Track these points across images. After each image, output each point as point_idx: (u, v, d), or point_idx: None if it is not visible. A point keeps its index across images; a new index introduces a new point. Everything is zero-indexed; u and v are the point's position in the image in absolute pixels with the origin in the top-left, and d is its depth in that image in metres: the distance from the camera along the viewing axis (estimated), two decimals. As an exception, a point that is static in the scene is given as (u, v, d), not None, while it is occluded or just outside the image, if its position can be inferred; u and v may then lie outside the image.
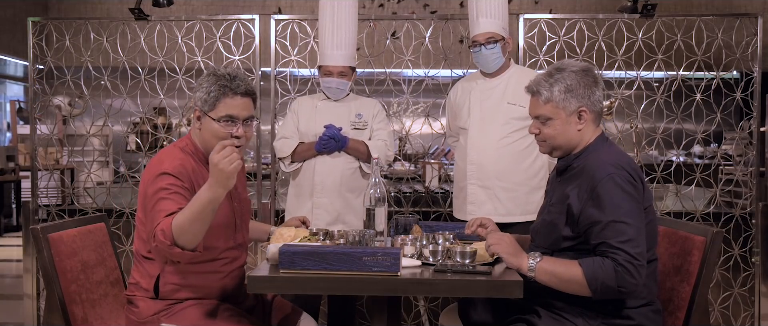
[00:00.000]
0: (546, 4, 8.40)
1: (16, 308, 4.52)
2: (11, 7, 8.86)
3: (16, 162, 8.70)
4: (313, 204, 3.26)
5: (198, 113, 2.26)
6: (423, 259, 2.20)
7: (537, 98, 2.22)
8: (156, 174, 2.16)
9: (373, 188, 2.40)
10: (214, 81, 2.21)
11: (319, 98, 3.39)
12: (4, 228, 8.59)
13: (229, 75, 2.22)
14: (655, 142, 4.07)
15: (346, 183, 3.27)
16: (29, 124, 4.20)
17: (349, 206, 3.29)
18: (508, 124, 3.10)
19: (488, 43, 3.09)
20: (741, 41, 3.99)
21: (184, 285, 2.27)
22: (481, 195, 3.13)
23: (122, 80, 4.08)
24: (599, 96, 2.21)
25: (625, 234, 2.01)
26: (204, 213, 1.98)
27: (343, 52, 3.27)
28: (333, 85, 3.29)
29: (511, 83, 3.14)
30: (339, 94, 3.33)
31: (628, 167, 2.11)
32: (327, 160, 3.25)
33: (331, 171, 3.25)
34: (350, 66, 3.31)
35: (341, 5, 3.28)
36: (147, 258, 2.29)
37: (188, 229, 1.99)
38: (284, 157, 3.29)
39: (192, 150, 2.31)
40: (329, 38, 3.27)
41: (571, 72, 2.18)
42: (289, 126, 3.36)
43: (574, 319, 2.13)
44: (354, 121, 3.32)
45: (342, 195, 3.27)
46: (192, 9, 8.69)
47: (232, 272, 2.37)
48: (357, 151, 3.27)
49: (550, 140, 2.23)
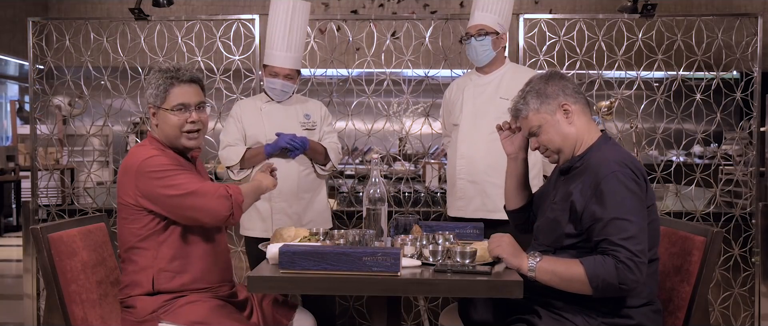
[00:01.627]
0: (546, 4, 8.40)
1: (16, 308, 4.52)
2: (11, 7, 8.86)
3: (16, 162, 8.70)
4: (272, 209, 3.19)
5: (152, 110, 2.38)
6: (423, 259, 2.20)
7: (521, 116, 2.29)
8: (142, 160, 2.27)
9: (373, 188, 2.40)
10: (160, 75, 2.36)
11: (262, 100, 3.30)
12: (4, 228, 8.59)
13: (173, 67, 2.38)
14: (655, 142, 4.07)
15: (303, 185, 3.22)
16: (29, 124, 4.20)
17: (308, 206, 3.25)
18: (500, 119, 3.08)
19: (479, 35, 3.10)
20: (741, 41, 4.00)
21: (175, 272, 2.31)
22: (470, 190, 3.13)
23: (122, 80, 4.08)
24: (574, 88, 2.26)
25: (627, 231, 2.01)
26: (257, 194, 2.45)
27: (293, 54, 3.23)
28: (277, 87, 3.22)
29: (504, 79, 3.14)
30: (282, 96, 3.26)
31: (631, 165, 2.11)
32: (282, 164, 3.13)
33: (287, 174, 3.15)
34: (297, 69, 3.27)
35: (296, 7, 3.23)
36: (137, 247, 2.32)
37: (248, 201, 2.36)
38: (232, 166, 3.20)
39: (157, 145, 2.39)
40: (280, 40, 3.20)
41: (536, 80, 2.28)
42: (232, 132, 3.23)
43: (574, 319, 2.13)
44: (303, 121, 3.27)
45: (300, 197, 3.22)
46: (192, 9, 8.69)
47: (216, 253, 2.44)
48: (315, 152, 3.22)
49: (550, 145, 2.26)
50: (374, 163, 2.52)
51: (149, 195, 2.25)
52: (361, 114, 4.09)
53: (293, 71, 3.24)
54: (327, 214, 3.38)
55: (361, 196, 3.82)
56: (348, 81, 4.02)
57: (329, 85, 4.06)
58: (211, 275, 2.40)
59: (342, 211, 3.96)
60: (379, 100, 4.06)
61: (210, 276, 2.39)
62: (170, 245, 2.32)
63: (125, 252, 2.36)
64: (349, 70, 4.04)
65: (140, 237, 2.31)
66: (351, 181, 4.33)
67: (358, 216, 3.82)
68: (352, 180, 4.43)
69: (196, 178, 2.29)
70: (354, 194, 4.09)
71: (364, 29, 4.26)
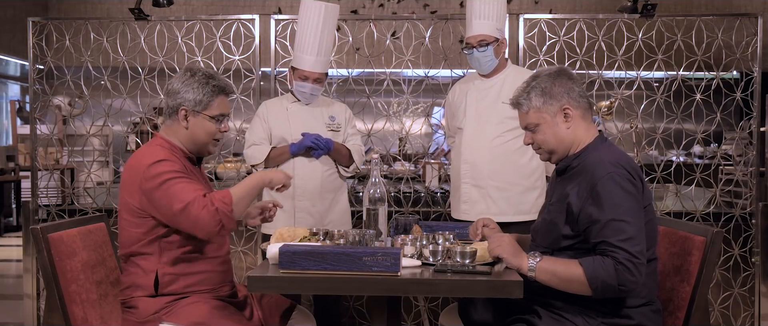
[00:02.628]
0: (546, 4, 8.40)
1: (16, 308, 4.52)
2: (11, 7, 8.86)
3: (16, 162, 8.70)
4: (296, 207, 3.21)
5: (185, 112, 2.37)
6: (423, 259, 2.20)
7: (521, 110, 2.27)
8: (147, 165, 2.25)
9: (373, 188, 2.40)
10: (206, 82, 2.36)
11: (289, 101, 3.32)
12: (4, 228, 8.59)
13: (217, 76, 2.41)
14: (655, 142, 4.07)
15: (326, 185, 3.25)
16: (29, 124, 4.20)
17: (331, 206, 3.28)
18: (503, 124, 3.10)
19: (480, 46, 3.10)
20: (741, 41, 3.99)
21: (178, 274, 2.31)
22: (474, 194, 3.14)
23: (122, 80, 4.08)
24: (580, 91, 2.23)
25: (625, 233, 2.01)
26: (253, 191, 2.33)
27: (324, 58, 3.24)
28: (307, 90, 3.23)
29: (507, 83, 3.14)
30: (312, 99, 3.29)
31: (627, 166, 2.11)
32: (306, 164, 3.20)
33: (311, 174, 3.21)
34: (325, 72, 3.29)
35: (328, 11, 3.23)
36: (140, 253, 2.31)
37: (240, 202, 2.28)
38: (257, 164, 3.23)
39: (168, 147, 2.37)
40: (312, 43, 3.21)
41: (544, 76, 2.24)
42: (258, 131, 3.27)
43: (574, 319, 2.13)
44: (328, 122, 3.29)
45: (323, 196, 3.24)
46: (192, 9, 8.68)
47: (220, 258, 2.44)
48: (339, 153, 3.24)
49: (543, 145, 2.26)
50: (374, 163, 2.52)
51: (151, 202, 2.26)
52: (361, 114, 4.09)
53: (323, 75, 3.26)
54: (347, 216, 3.41)
55: (361, 196, 3.82)
56: (348, 81, 4.02)
57: (329, 85, 4.06)
58: (214, 277, 2.39)
59: (342, 211, 3.96)
60: (379, 100, 4.06)
61: (212, 278, 2.39)
62: (173, 249, 2.31)
63: (127, 255, 2.35)
64: (349, 70, 4.04)
65: (143, 242, 2.30)
66: (351, 181, 4.33)
67: (358, 216, 3.82)
68: (352, 180, 4.43)
69: (193, 186, 2.25)
70: (354, 194, 4.09)
71: (364, 29, 4.26)
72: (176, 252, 2.31)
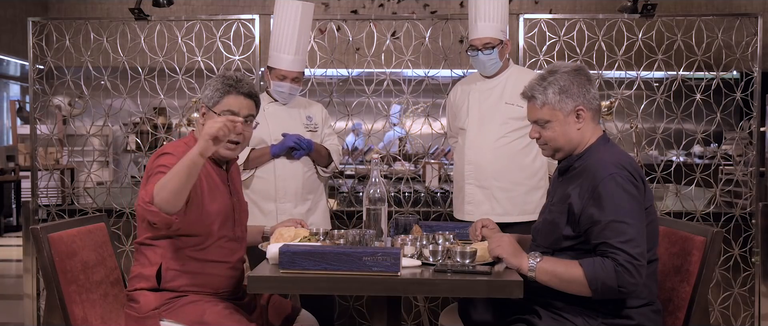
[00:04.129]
0: (546, 4, 8.40)
1: (16, 308, 4.52)
2: (11, 7, 8.86)
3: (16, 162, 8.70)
4: (278, 210, 3.19)
5: (203, 109, 2.39)
6: (423, 259, 2.20)
7: (533, 103, 2.23)
8: (157, 155, 2.28)
9: (373, 188, 2.40)
10: (222, 81, 2.38)
11: (266, 101, 3.26)
12: (4, 228, 8.59)
13: (236, 77, 2.40)
14: (655, 142, 4.07)
15: (307, 186, 3.23)
16: (29, 124, 4.20)
17: (312, 207, 3.27)
18: (506, 124, 3.10)
19: (485, 49, 3.09)
20: (741, 41, 3.99)
21: (183, 272, 2.30)
22: (478, 195, 3.14)
23: (122, 80, 4.07)
24: (594, 93, 2.22)
25: (626, 234, 2.01)
26: (180, 172, 2.03)
27: (301, 57, 3.22)
28: (286, 90, 3.21)
29: (509, 83, 3.14)
30: (290, 99, 3.26)
31: (629, 167, 2.11)
32: (287, 165, 3.17)
33: (292, 175, 3.18)
34: (303, 71, 3.28)
35: (303, 10, 3.21)
36: (149, 244, 2.32)
37: (164, 186, 2.05)
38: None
39: (189, 143, 2.36)
40: (288, 43, 3.18)
41: (563, 73, 2.19)
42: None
43: (574, 319, 2.14)
44: (306, 123, 3.28)
45: (304, 197, 3.23)
46: (192, 9, 8.68)
47: (231, 264, 2.41)
48: (318, 153, 3.23)
49: (551, 143, 2.24)
50: (374, 163, 2.52)
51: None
52: (361, 114, 4.09)
53: (300, 74, 3.25)
54: (327, 216, 3.41)
55: (361, 196, 3.82)
56: (348, 81, 4.02)
57: (329, 85, 4.06)
58: (220, 281, 2.37)
59: (342, 211, 3.96)
60: (379, 100, 4.06)
61: (218, 282, 2.37)
62: (183, 246, 2.31)
63: (139, 244, 2.37)
64: (349, 70, 4.04)
65: (153, 235, 2.31)
66: (351, 181, 4.33)
67: (358, 216, 3.82)
68: (352, 180, 4.43)
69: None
70: (354, 194, 4.09)
71: (364, 29, 4.26)
72: (185, 250, 2.31)
